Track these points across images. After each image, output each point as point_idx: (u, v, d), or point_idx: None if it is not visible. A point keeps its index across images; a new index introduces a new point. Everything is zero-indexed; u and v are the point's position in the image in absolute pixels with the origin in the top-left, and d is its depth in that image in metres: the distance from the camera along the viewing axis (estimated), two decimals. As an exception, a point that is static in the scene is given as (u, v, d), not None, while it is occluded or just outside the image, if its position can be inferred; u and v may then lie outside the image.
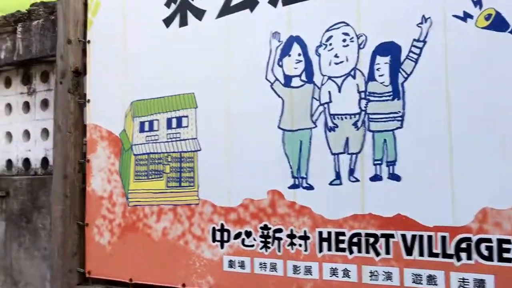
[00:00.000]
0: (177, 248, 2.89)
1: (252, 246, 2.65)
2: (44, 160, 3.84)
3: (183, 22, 2.96)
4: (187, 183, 2.89)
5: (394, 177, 2.27)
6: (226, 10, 2.80)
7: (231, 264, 2.72)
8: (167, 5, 3.02)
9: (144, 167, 3.08)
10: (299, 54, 2.57)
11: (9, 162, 4.04)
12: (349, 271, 2.36)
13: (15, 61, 3.87)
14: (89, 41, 3.35)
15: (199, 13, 2.90)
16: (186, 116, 2.91)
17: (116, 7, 3.24)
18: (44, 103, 3.87)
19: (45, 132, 3.85)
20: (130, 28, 3.18)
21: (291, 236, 2.53)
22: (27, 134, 3.96)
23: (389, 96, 2.31)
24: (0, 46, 3.94)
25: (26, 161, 3.95)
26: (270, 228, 2.60)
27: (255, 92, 2.69)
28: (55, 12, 3.57)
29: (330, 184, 2.44)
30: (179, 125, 2.94)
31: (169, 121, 2.97)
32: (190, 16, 2.93)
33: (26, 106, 3.97)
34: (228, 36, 2.79)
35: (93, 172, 3.28)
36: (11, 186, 3.85)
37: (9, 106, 4.06)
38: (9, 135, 4.05)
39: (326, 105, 2.48)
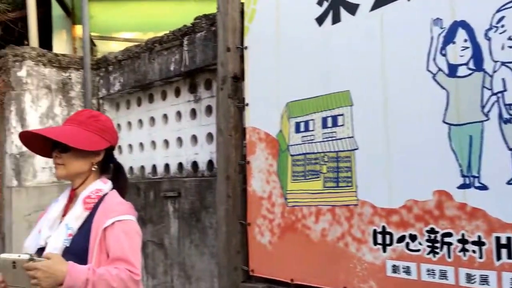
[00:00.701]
0: (337, 250, 2.82)
1: (418, 250, 2.47)
2: (210, 163, 4.07)
3: (336, 19, 2.89)
4: (345, 183, 2.80)
5: None
6: (381, 1, 2.67)
7: (395, 269, 2.56)
8: (319, 3, 2.98)
9: (301, 168, 3.07)
10: (465, 40, 2.33)
11: (180, 165, 4.36)
12: (534, 282, 2.07)
13: (183, 72, 4.16)
14: (246, 47, 3.46)
15: (353, 8, 2.80)
16: (342, 115, 2.83)
17: (270, 12, 3.29)
18: (208, 109, 4.10)
19: (209, 136, 4.07)
20: (283, 31, 3.21)
21: (463, 241, 2.30)
22: (194, 138, 4.23)
23: None
24: (170, 59, 4.27)
25: (194, 164, 4.22)
26: (437, 232, 2.39)
27: (415, 85, 2.51)
28: (215, 23, 3.76)
29: (508, 183, 2.16)
30: (334, 124, 2.87)
31: (324, 120, 2.92)
32: (343, 12, 2.85)
33: (193, 113, 4.25)
34: (384, 28, 2.65)
35: (253, 173, 3.37)
36: (182, 187, 4.14)
37: (179, 114, 4.39)
38: (179, 140, 4.38)
39: (500, 95, 2.20)
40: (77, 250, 1.75)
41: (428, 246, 2.43)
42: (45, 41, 6.37)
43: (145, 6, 6.76)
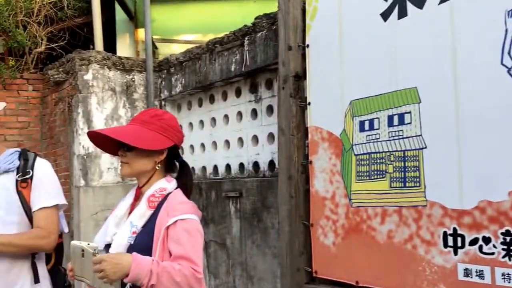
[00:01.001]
0: (404, 252, 2.73)
1: (493, 254, 2.34)
2: (271, 163, 4.06)
3: (402, 13, 2.80)
4: (412, 183, 2.71)
5: None
6: (450, -7, 2.56)
7: (467, 272, 2.45)
8: (384, -2, 2.90)
9: (365, 167, 3.00)
10: (543, 32, 2.20)
11: (241, 165, 4.38)
12: None
13: (243, 72, 4.18)
14: (307, 46, 3.42)
15: (420, 2, 2.70)
16: (409, 112, 2.74)
17: (332, 8, 3.24)
18: (269, 109, 4.09)
19: (271, 136, 4.06)
20: (346, 28, 3.15)
21: (541, 244, 2.17)
22: (255, 139, 4.24)
23: None
24: (230, 59, 4.30)
25: (256, 164, 4.23)
26: (513, 235, 2.27)
27: (488, 80, 2.39)
28: (276, 22, 3.75)
29: None
30: (401, 122, 2.78)
31: (390, 118, 2.84)
32: (410, 6, 2.76)
33: (254, 113, 4.26)
34: (454, 21, 2.54)
35: (316, 173, 3.32)
36: (244, 187, 4.15)
37: (240, 114, 4.41)
38: (240, 140, 4.40)
39: None
40: (140, 248, 1.77)
41: (503, 249, 2.30)
42: (109, 45, 6.59)
43: (204, 8, 6.86)
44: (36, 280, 2.18)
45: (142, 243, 1.79)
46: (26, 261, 2.17)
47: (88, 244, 1.70)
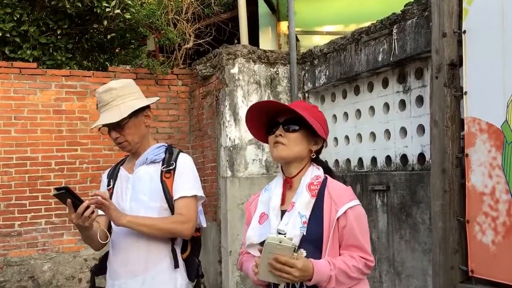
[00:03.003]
0: None
1: None
2: (421, 156, 3.90)
3: None
4: None
5: None
6: None
7: None
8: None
9: (533, 162, 2.75)
10: None
11: (388, 158, 4.26)
12: None
13: (391, 62, 4.05)
14: (464, 31, 3.21)
15: None
16: None
17: (493, -10, 3.01)
18: (419, 100, 3.93)
19: (420, 128, 3.90)
20: (509, 11, 2.90)
21: None
22: (403, 131, 4.09)
23: None
24: (377, 49, 4.20)
25: (403, 157, 4.09)
26: None
27: None
28: (428, 8, 3.58)
29: None
30: None
31: None
32: None
33: (402, 104, 4.11)
34: None
35: (473, 166, 3.12)
36: (391, 180, 4.04)
37: (386, 105, 4.29)
38: (387, 132, 4.28)
39: None
40: (312, 238, 1.78)
41: None
42: (252, 38, 6.79)
43: (346, -2, 6.78)
44: (176, 265, 2.27)
45: (314, 232, 1.79)
46: (166, 246, 2.28)
47: (285, 236, 1.69)
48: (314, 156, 1.92)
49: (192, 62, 6.15)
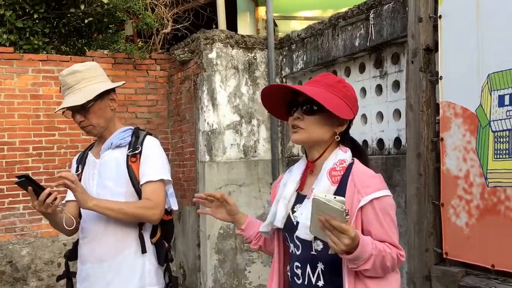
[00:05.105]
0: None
1: None
2: (397, 140, 3.94)
3: (554, -24, 2.55)
4: None
5: None
6: None
7: None
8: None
9: (505, 145, 2.80)
10: None
11: (365, 142, 4.30)
12: None
13: (368, 47, 4.07)
14: (440, 16, 3.24)
15: None
16: (560, 85, 2.50)
17: (468, -25, 3.03)
18: (396, 85, 3.96)
19: (397, 112, 3.94)
20: (484, -4, 2.93)
21: None
22: (380, 115, 4.13)
23: None
24: (354, 34, 4.21)
25: (380, 141, 4.13)
26: None
27: None
28: (404, -7, 3.60)
29: None
30: (550, 96, 2.55)
31: (537, 92, 2.62)
32: None
33: (379, 89, 4.14)
34: None
35: (447, 150, 3.17)
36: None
37: (363, 90, 4.31)
38: (364, 117, 4.31)
39: None
40: None
41: None
42: (230, 24, 6.75)
43: (323, -17, 6.77)
44: (144, 250, 2.26)
45: None
46: (134, 231, 2.27)
47: (335, 197, 1.47)
48: (338, 138, 1.73)
49: (170, 47, 6.12)
